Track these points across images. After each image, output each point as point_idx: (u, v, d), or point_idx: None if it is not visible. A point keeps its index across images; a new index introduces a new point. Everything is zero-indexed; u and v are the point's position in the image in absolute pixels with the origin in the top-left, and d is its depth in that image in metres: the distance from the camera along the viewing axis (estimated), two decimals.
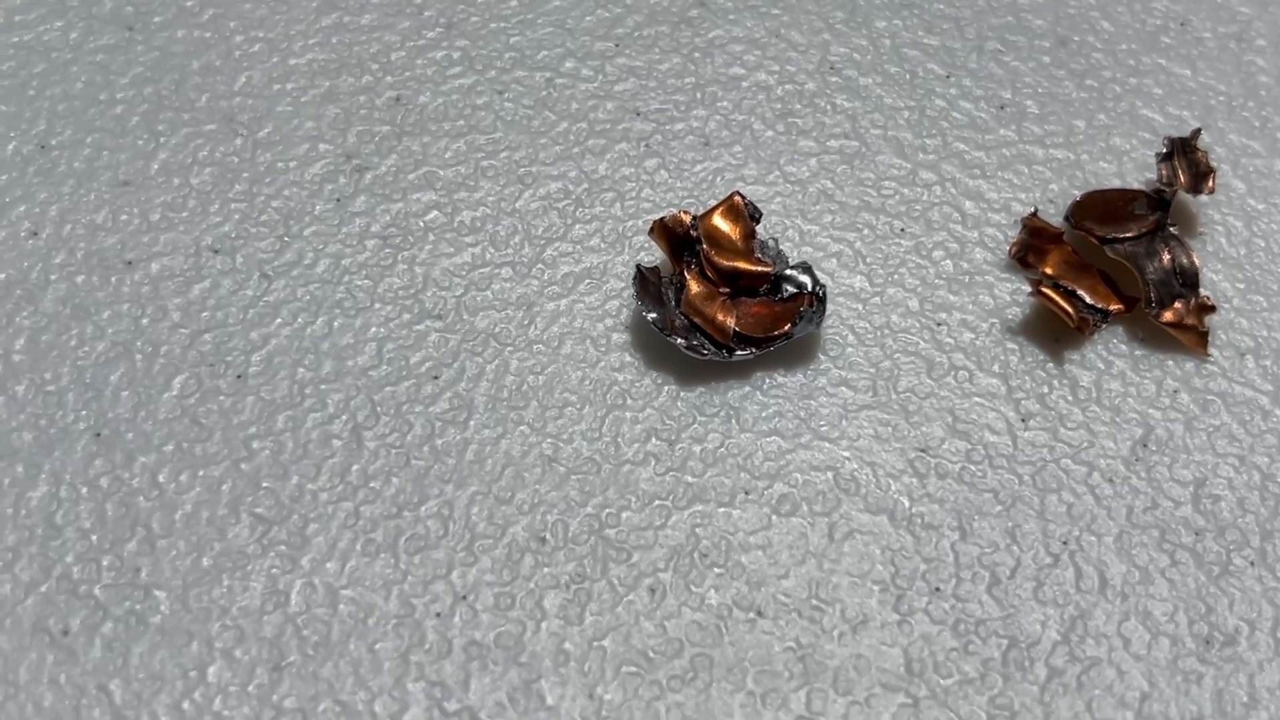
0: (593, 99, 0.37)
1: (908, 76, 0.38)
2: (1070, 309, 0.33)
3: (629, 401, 0.33)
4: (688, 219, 0.34)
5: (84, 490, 0.32)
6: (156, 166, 0.36)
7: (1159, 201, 0.35)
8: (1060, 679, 0.31)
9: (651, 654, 0.31)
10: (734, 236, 0.34)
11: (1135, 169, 0.36)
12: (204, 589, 0.31)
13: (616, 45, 0.38)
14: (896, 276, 0.35)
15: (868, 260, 0.35)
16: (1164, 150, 0.35)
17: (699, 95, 0.37)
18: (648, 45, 0.38)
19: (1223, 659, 0.31)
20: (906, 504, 0.32)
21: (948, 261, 0.35)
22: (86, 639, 0.31)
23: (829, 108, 0.37)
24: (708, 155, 0.37)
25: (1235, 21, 0.39)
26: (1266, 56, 0.38)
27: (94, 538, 0.32)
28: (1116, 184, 0.36)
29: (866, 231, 0.36)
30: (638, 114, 0.37)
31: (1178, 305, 0.34)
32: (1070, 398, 0.34)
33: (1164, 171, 0.35)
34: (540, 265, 0.35)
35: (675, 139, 0.37)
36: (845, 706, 0.30)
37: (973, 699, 0.30)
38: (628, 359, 0.34)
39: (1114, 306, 0.34)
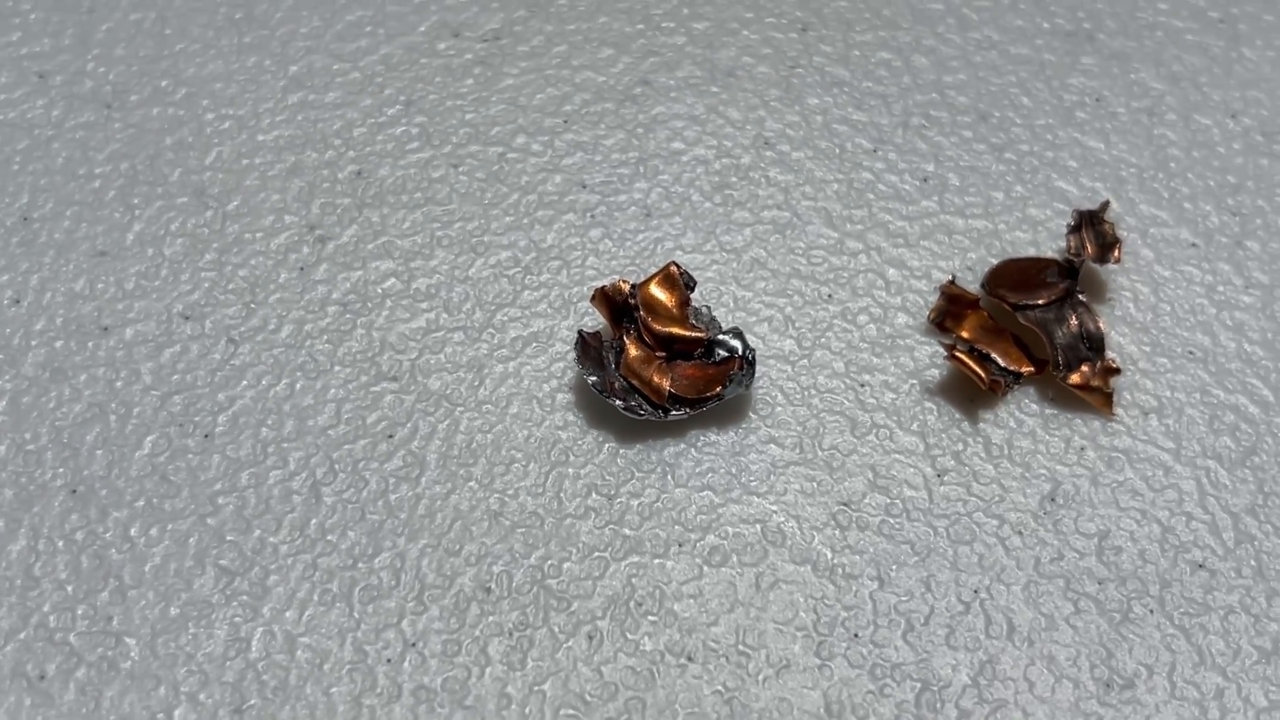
0: (542, 172, 0.40)
1: (837, 150, 0.40)
2: (982, 372, 0.36)
3: (571, 458, 0.36)
4: (626, 287, 0.36)
5: (60, 544, 0.34)
6: (131, 237, 0.39)
7: (1069, 270, 0.37)
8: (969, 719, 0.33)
9: (588, 697, 0.33)
10: (670, 304, 0.36)
11: (1050, 237, 0.39)
12: (171, 636, 0.33)
13: (565, 122, 0.41)
14: (824, 340, 0.37)
15: (797, 324, 0.38)
16: (1073, 223, 0.37)
17: (641, 169, 0.40)
18: (594, 121, 0.41)
19: (1121, 701, 0.33)
20: (829, 555, 0.35)
21: (871, 326, 0.38)
22: (61, 683, 0.33)
23: (763, 180, 0.40)
24: (649, 225, 0.39)
25: (1148, 96, 0.41)
26: (1176, 130, 0.41)
27: (69, 588, 0.34)
28: (1031, 252, 0.38)
29: (796, 297, 0.38)
30: (584, 186, 0.40)
31: (1084, 368, 0.36)
32: (984, 454, 0.36)
33: (1072, 242, 0.37)
34: (490, 330, 0.37)
35: (619, 210, 0.39)
36: None
37: None
38: (571, 418, 0.36)
39: (1025, 369, 0.36)
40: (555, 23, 0.42)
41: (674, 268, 0.36)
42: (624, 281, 0.36)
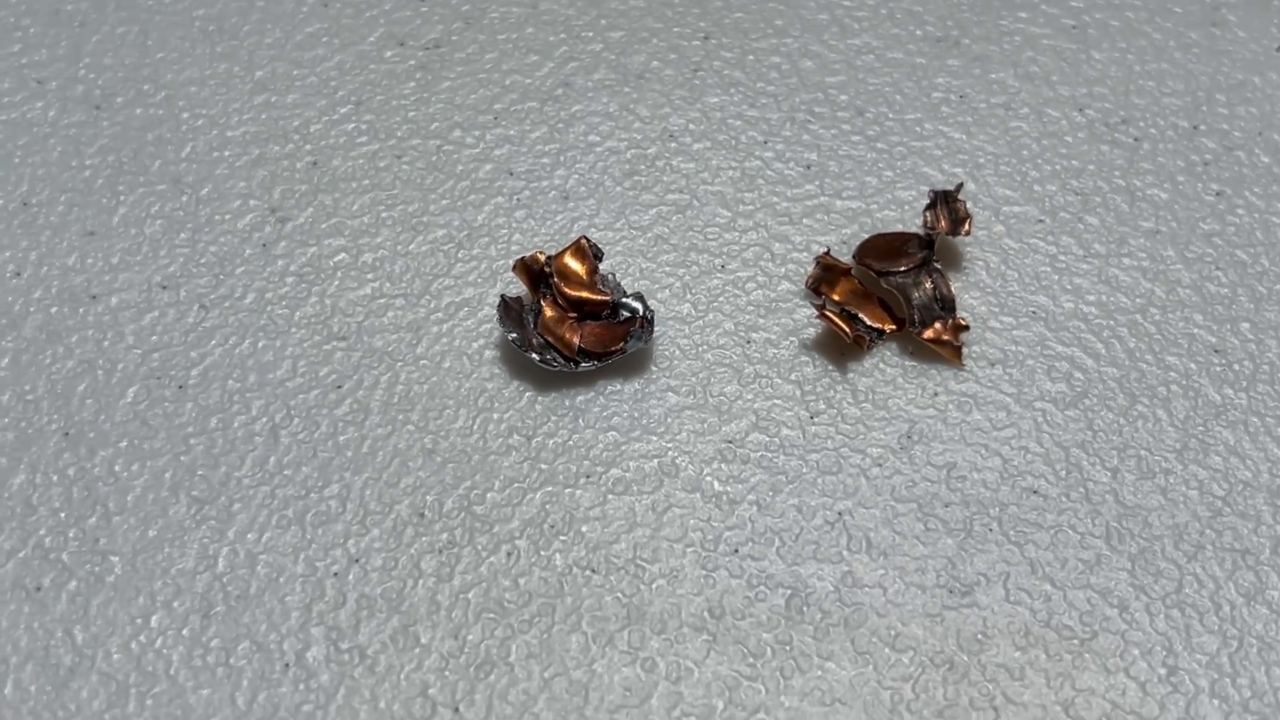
0: (474, 162, 0.46)
1: (733, 142, 0.46)
2: (848, 329, 0.41)
3: (495, 405, 0.41)
4: (543, 258, 0.42)
5: (54, 478, 0.40)
6: (117, 219, 0.44)
7: (927, 242, 0.43)
8: (830, 620, 0.38)
9: (506, 604, 0.39)
10: (580, 272, 0.42)
11: (914, 215, 0.44)
12: (149, 555, 0.39)
13: (495, 118, 0.46)
14: (716, 304, 0.43)
15: (693, 291, 0.43)
16: (929, 201, 0.43)
17: (561, 158, 0.46)
18: (521, 118, 0.46)
19: (962, 605, 0.39)
20: (716, 485, 0.40)
21: (758, 291, 0.43)
22: (55, 594, 0.38)
23: (668, 168, 0.45)
24: (566, 207, 0.45)
25: (1005, 93, 0.47)
26: (1029, 121, 0.46)
27: (62, 514, 0.39)
28: (898, 228, 0.44)
29: (694, 268, 0.44)
30: (511, 174, 0.45)
31: (937, 325, 0.42)
32: (851, 400, 0.41)
33: (928, 218, 0.43)
34: (427, 296, 0.43)
35: (541, 194, 0.45)
36: (659, 643, 0.38)
37: (760, 635, 0.38)
38: (495, 371, 0.42)
39: (888, 326, 0.42)
40: (488, 33, 0.48)
41: (584, 241, 0.42)
42: (540, 253, 0.42)
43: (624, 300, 0.42)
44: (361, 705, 0.37)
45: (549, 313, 0.41)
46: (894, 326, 0.42)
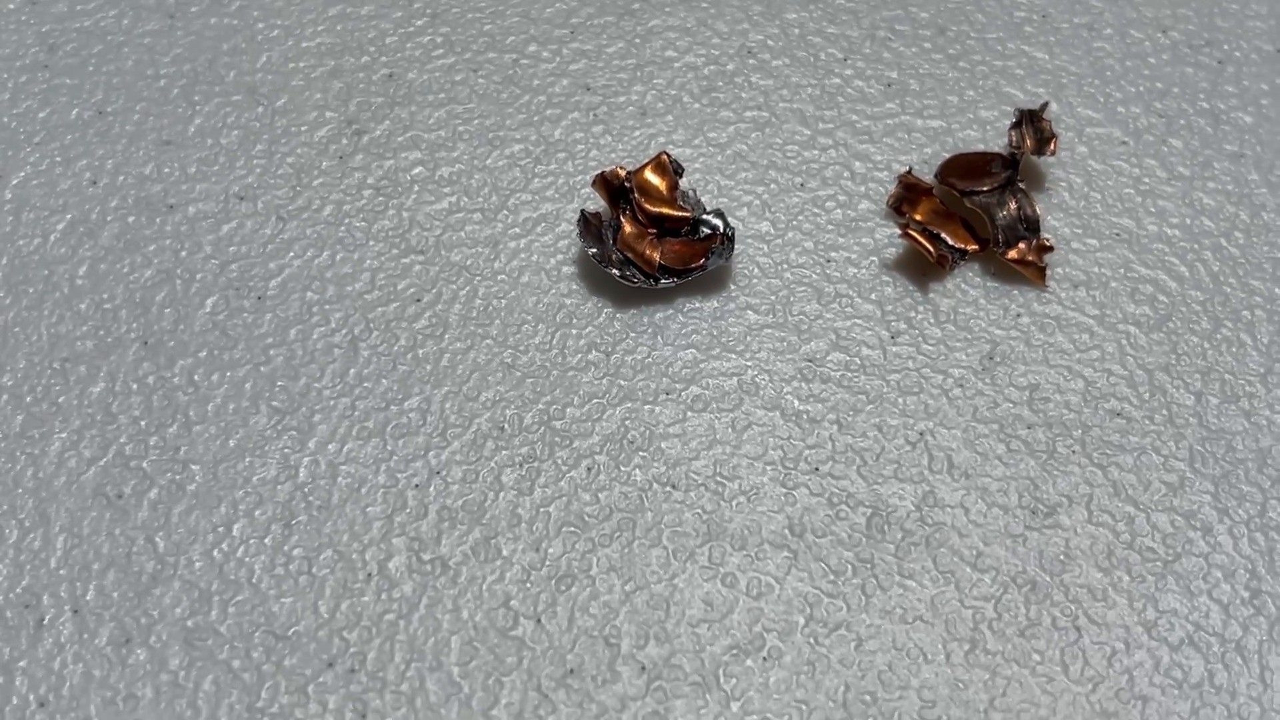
0: (551, 76, 0.45)
1: (812, 59, 0.45)
2: (932, 248, 0.41)
3: (574, 321, 0.41)
4: (623, 173, 0.41)
5: (134, 386, 0.40)
6: (193, 129, 0.44)
7: (1011, 161, 0.42)
8: (911, 539, 0.38)
9: (586, 518, 0.39)
10: (661, 188, 0.42)
11: (997, 135, 0.44)
12: (230, 464, 0.39)
13: (571, 32, 0.46)
14: (795, 223, 0.43)
15: (772, 209, 0.43)
16: (1014, 120, 0.43)
17: (639, 74, 0.45)
18: (597, 32, 0.46)
19: (1045, 526, 0.39)
20: (796, 403, 0.40)
21: (838, 210, 0.43)
22: (136, 501, 0.39)
23: (746, 85, 0.45)
24: (644, 123, 0.44)
25: (1088, 13, 0.46)
26: (1112, 42, 0.46)
27: (143, 423, 0.40)
28: (980, 148, 0.44)
29: (773, 186, 0.43)
30: (588, 89, 0.45)
31: (1021, 246, 0.41)
32: (932, 320, 0.41)
33: (1013, 137, 0.42)
34: (505, 211, 0.43)
35: (618, 110, 0.44)
36: (740, 559, 0.38)
37: (841, 553, 0.38)
38: (574, 286, 0.42)
39: (970, 246, 0.42)
40: None
41: (664, 156, 0.42)
42: (621, 168, 0.41)
43: (704, 217, 0.42)
44: (444, 615, 0.37)
45: (628, 228, 0.41)
46: (977, 247, 0.42)
